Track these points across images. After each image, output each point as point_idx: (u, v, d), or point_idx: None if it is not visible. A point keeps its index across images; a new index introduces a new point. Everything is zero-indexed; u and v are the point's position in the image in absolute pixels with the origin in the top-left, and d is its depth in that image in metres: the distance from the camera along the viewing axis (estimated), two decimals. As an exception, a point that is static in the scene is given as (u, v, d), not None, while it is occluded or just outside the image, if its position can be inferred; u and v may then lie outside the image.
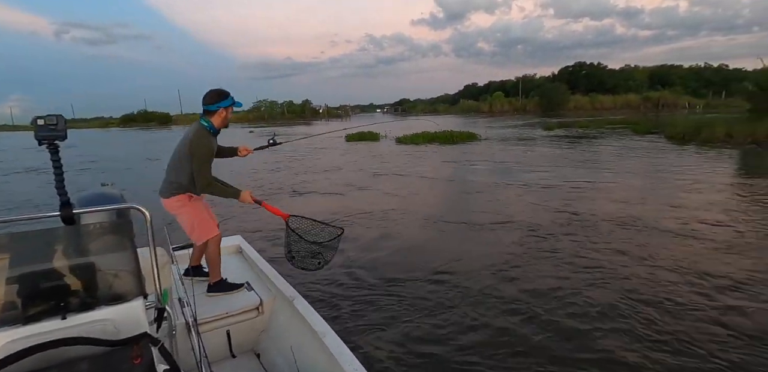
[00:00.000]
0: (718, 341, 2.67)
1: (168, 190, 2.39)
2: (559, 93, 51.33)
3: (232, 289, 2.49)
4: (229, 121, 2.45)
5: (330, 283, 3.74)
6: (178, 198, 2.39)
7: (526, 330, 2.88)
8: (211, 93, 2.33)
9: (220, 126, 2.39)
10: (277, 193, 8.28)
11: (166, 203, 2.41)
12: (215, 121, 2.36)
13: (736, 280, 3.53)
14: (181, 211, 2.41)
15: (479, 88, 74.47)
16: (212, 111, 2.33)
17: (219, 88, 2.38)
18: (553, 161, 11.25)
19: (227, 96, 2.35)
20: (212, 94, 2.33)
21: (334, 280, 3.80)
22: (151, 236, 1.31)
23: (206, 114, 2.35)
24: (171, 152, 2.41)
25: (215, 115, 2.34)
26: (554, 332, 2.84)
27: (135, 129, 47.16)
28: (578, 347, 2.66)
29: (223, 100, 2.33)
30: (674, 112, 35.63)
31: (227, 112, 2.37)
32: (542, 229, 5.20)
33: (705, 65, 62.17)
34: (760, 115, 13.84)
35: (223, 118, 2.37)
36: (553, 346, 2.69)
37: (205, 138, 2.30)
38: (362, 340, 2.83)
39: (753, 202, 6.21)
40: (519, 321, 3.00)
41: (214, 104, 2.31)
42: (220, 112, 2.33)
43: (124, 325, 1.22)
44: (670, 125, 16.92)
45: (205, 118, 2.35)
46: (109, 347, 1.10)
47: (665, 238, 4.72)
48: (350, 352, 1.73)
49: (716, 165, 9.64)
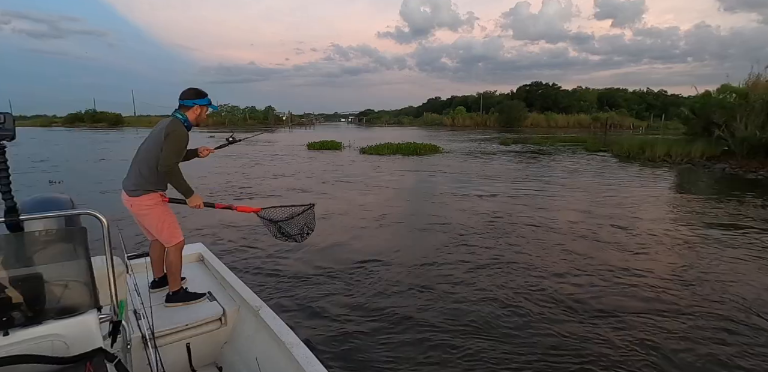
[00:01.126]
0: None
1: (137, 187, 2.25)
2: (518, 110, 53.79)
3: (192, 299, 2.36)
4: (202, 122, 2.44)
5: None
6: (150, 196, 2.27)
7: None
8: (190, 90, 2.39)
9: (194, 122, 2.41)
10: (225, 196, 8.07)
11: (135, 201, 2.26)
12: (189, 116, 2.38)
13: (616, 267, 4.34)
14: (152, 211, 2.28)
15: (442, 101, 76.62)
16: (188, 106, 2.36)
17: (198, 88, 2.43)
18: (508, 174, 11.73)
19: (205, 96, 2.41)
20: (191, 91, 2.38)
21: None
22: (108, 244, 1.23)
23: (181, 108, 2.36)
24: (130, 151, 2.34)
25: (190, 111, 2.37)
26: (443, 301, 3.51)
27: (82, 129, 44.16)
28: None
29: (199, 98, 2.38)
30: (621, 131, 38.48)
31: (202, 111, 2.41)
32: (468, 230, 5.75)
33: (647, 90, 67.66)
34: (694, 138, 15.20)
35: (197, 115, 2.40)
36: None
37: (181, 126, 2.31)
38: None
39: (679, 211, 7.11)
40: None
41: (190, 100, 2.35)
42: (194, 108, 2.37)
43: (75, 341, 1.14)
44: (617, 144, 18.18)
45: (179, 112, 2.36)
46: (59, 365, 1.02)
47: (577, 242, 5.25)
48: (320, 363, 1.68)
49: (656, 181, 10.49)
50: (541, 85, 65.61)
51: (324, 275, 4.03)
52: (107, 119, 56.45)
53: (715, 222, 6.32)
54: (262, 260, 4.39)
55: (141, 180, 2.26)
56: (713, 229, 5.92)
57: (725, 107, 13.84)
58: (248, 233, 5.38)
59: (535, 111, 57.01)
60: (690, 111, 16.34)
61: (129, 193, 2.28)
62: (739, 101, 13.59)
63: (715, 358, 2.68)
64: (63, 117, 63.14)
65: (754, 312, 3.31)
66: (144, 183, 2.26)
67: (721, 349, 2.79)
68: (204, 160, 2.86)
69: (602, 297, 3.60)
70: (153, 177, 2.27)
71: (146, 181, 2.26)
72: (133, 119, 62.18)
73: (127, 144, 23.02)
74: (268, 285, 3.73)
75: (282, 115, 68.03)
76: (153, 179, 2.27)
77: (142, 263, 2.51)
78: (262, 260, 4.39)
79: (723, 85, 14.75)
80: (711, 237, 5.49)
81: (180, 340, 2.17)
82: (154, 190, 2.29)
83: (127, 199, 2.29)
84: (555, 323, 3.11)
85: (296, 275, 3.98)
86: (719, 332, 3.00)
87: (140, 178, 2.27)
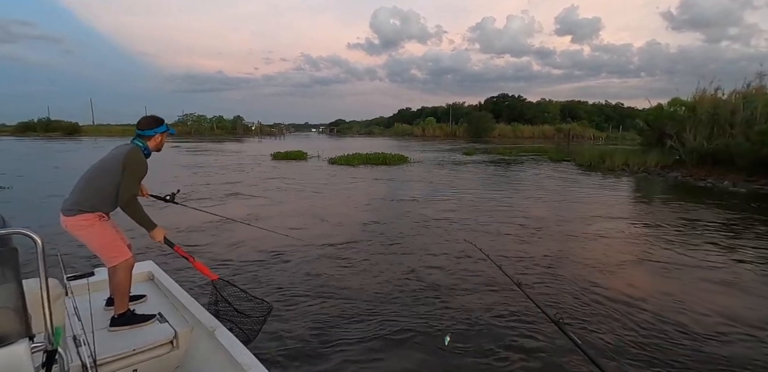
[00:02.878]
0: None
1: (73, 206, 2.16)
2: (485, 121, 55.40)
3: (141, 322, 2.19)
4: (161, 147, 2.48)
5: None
6: (85, 216, 2.16)
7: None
8: (147, 119, 2.41)
9: (154, 149, 2.44)
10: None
11: (69, 222, 2.16)
12: (150, 145, 2.40)
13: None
14: (88, 232, 2.17)
15: (413, 112, 77.83)
16: (149, 136, 2.39)
17: (155, 116, 2.47)
18: (472, 182, 11.97)
19: (162, 123, 2.45)
20: (149, 120, 2.41)
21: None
22: (43, 266, 1.10)
23: (142, 138, 2.38)
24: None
25: (151, 140, 2.40)
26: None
27: (35, 139, 41.65)
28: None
29: (159, 126, 2.41)
30: (582, 142, 40.27)
31: (162, 137, 2.45)
32: (396, 228, 6.29)
33: (605, 103, 71.49)
34: (649, 148, 16.05)
35: (157, 142, 2.43)
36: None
37: (142, 155, 2.32)
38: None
39: (631, 213, 7.74)
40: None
41: (151, 129, 2.38)
42: (155, 137, 2.40)
43: None
44: (579, 154, 18.94)
45: (140, 140, 2.37)
46: None
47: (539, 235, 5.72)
48: None
49: (614, 189, 10.96)
50: (507, 97, 68.03)
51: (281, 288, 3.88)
52: (62, 128, 53.52)
53: (659, 221, 7.02)
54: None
55: (80, 199, 2.19)
56: (657, 227, 6.57)
57: (676, 119, 14.72)
58: (204, 248, 5.13)
59: (503, 122, 58.91)
60: (644, 123, 17.26)
61: (64, 213, 2.19)
62: (688, 114, 14.51)
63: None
64: (12, 126, 59.39)
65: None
66: (82, 203, 2.18)
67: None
68: (162, 169, 2.73)
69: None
70: (95, 199, 2.21)
71: (85, 201, 2.19)
72: (91, 128, 59.37)
73: (88, 153, 22.11)
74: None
75: (251, 124, 66.91)
76: (94, 201, 2.21)
77: (84, 284, 2.32)
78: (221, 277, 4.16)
79: (673, 99, 15.72)
80: (655, 233, 6.17)
81: (126, 367, 2.00)
82: (90, 211, 2.19)
83: (63, 220, 2.19)
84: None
85: (257, 289, 3.81)
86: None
87: (80, 197, 2.19)
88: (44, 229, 2.78)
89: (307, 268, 4.40)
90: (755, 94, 13.31)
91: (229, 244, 5.23)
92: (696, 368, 2.62)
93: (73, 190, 2.24)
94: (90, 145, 30.95)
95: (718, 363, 2.66)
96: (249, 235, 5.52)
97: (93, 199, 2.19)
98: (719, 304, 3.63)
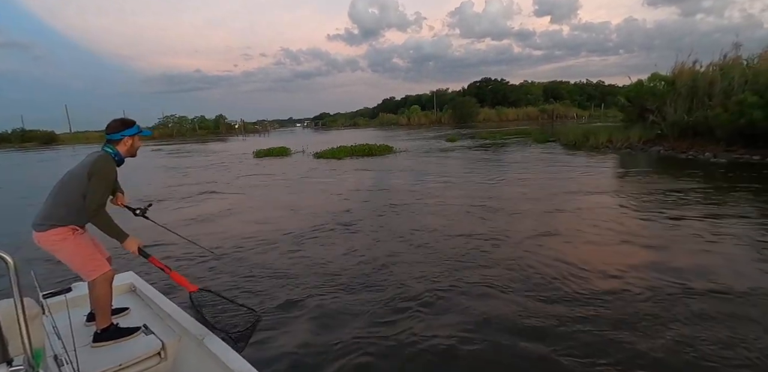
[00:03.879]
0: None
1: (44, 221, 2.06)
2: (470, 106, 55.24)
3: (125, 336, 2.13)
4: (136, 152, 2.32)
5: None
6: (57, 231, 2.06)
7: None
8: (114, 122, 2.25)
9: (126, 154, 2.28)
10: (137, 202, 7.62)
11: (41, 237, 2.07)
12: (121, 149, 2.24)
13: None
14: (62, 246, 2.08)
15: (397, 101, 77.16)
16: (116, 140, 2.23)
17: (123, 117, 2.31)
18: (456, 168, 12.02)
19: (132, 124, 2.27)
20: (115, 124, 2.24)
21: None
22: (16, 287, 1.04)
23: (111, 143, 2.23)
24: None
25: (120, 144, 2.24)
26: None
27: (8, 150, 40.46)
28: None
29: (127, 128, 2.24)
30: (566, 122, 40.48)
31: (134, 141, 2.28)
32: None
33: (587, 81, 71.77)
34: (631, 124, 16.19)
35: (129, 146, 2.26)
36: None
37: (110, 163, 2.17)
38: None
39: (614, 187, 7.97)
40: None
41: (117, 133, 2.22)
42: (125, 140, 2.24)
43: None
44: (563, 134, 19.04)
45: (109, 146, 2.22)
46: None
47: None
48: None
49: (598, 166, 11.12)
50: (490, 81, 67.82)
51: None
52: (38, 138, 51.94)
53: (642, 192, 7.46)
54: (206, 283, 4.05)
55: (50, 214, 2.09)
56: (638, 197, 7.07)
57: (656, 94, 14.83)
58: (184, 253, 5.01)
59: (487, 106, 58.82)
60: (625, 99, 17.37)
61: (35, 229, 2.09)
62: (668, 88, 14.62)
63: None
64: (-14, 138, 57.49)
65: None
66: (53, 217, 2.08)
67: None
68: (138, 174, 2.61)
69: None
70: (65, 212, 2.09)
71: (55, 215, 2.09)
72: (68, 137, 57.65)
73: (66, 161, 21.51)
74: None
75: (234, 123, 65.77)
76: (64, 215, 2.09)
77: (62, 301, 2.24)
78: (207, 283, 4.06)
79: (652, 74, 15.79)
80: (635, 203, 6.68)
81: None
82: (62, 225, 2.09)
83: (35, 236, 2.10)
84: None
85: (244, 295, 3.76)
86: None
87: (51, 212, 2.09)
88: (23, 241, 2.65)
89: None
90: (732, 65, 13.43)
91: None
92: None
93: (42, 205, 2.13)
94: (68, 153, 30.15)
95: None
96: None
97: (63, 212, 2.09)
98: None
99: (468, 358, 2.58)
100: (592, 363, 2.45)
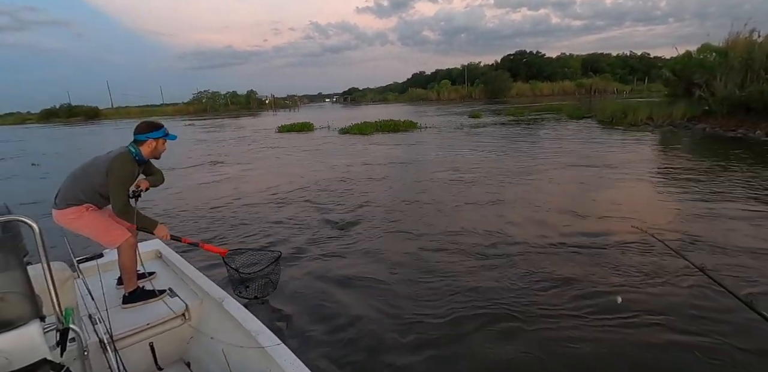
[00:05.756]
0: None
1: (62, 202, 2.25)
2: (502, 80, 53.27)
3: (151, 297, 2.32)
4: (159, 154, 2.45)
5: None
6: (72, 209, 2.25)
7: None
8: (142, 124, 2.38)
9: (149, 156, 2.40)
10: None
11: (59, 215, 2.26)
12: (144, 150, 2.35)
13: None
14: (79, 223, 2.27)
15: (427, 76, 75.25)
16: (141, 141, 2.34)
17: (152, 121, 2.43)
18: (474, 149, 11.12)
19: (159, 128, 2.38)
20: (143, 125, 2.36)
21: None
22: (42, 251, 1.15)
23: (136, 143, 2.35)
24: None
25: (144, 145, 2.35)
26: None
27: (58, 125, 42.82)
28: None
29: (153, 131, 2.34)
30: (605, 97, 38.35)
31: (158, 143, 2.38)
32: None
33: (630, 54, 67.06)
34: (675, 99, 15.17)
35: (152, 148, 2.37)
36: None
37: (128, 163, 2.27)
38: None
39: (653, 169, 7.38)
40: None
41: (143, 134, 2.33)
42: (149, 142, 2.34)
43: (17, 354, 1.09)
44: (600, 110, 18.10)
45: (133, 145, 2.34)
46: None
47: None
48: (287, 349, 1.66)
49: (635, 144, 10.48)
50: (525, 54, 64.66)
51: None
52: (84, 113, 54.71)
53: (677, 170, 7.02)
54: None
55: (67, 195, 2.27)
56: (677, 179, 6.53)
57: (705, 67, 13.73)
58: (208, 223, 5.29)
59: (520, 80, 56.48)
60: (671, 72, 16.20)
61: (54, 207, 2.28)
62: (719, 60, 13.48)
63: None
64: (37, 114, 61.01)
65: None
66: (70, 198, 2.26)
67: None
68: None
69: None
70: (82, 195, 2.27)
71: (73, 197, 2.26)
72: (111, 111, 60.39)
73: (109, 136, 22.95)
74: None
75: (264, 98, 66.48)
76: (81, 197, 2.27)
77: (94, 266, 2.44)
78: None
79: (703, 45, 14.59)
80: (677, 185, 6.14)
81: (143, 340, 2.13)
82: (77, 204, 2.27)
83: (54, 214, 2.28)
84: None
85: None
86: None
87: (68, 193, 2.27)
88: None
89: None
90: (796, 33, 12.19)
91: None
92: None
93: (62, 186, 2.31)
94: (111, 128, 31.66)
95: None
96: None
97: (80, 195, 2.27)
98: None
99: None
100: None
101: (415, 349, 2.48)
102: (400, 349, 2.49)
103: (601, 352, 2.37)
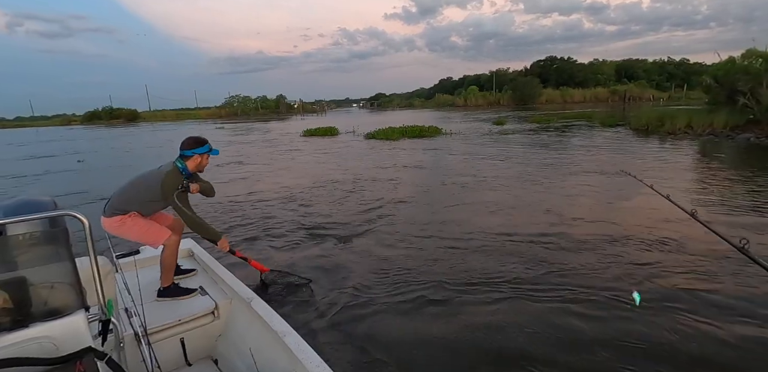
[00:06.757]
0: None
1: (110, 211, 2.41)
2: (532, 87, 52.37)
3: (183, 294, 2.40)
4: (203, 168, 2.59)
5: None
6: (118, 218, 2.41)
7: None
8: (188, 140, 2.50)
9: (194, 170, 2.53)
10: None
11: (106, 223, 2.43)
12: (189, 165, 2.49)
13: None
14: (123, 230, 2.42)
15: (454, 82, 75.05)
16: (188, 156, 2.48)
17: (198, 136, 2.54)
18: (492, 159, 10.53)
19: (203, 144, 2.50)
20: (189, 141, 2.49)
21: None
22: (90, 244, 1.22)
23: (182, 157, 2.48)
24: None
25: (190, 160, 2.48)
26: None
27: (100, 127, 45.19)
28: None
29: (198, 147, 2.48)
30: (640, 104, 36.97)
31: (202, 159, 2.52)
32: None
33: (668, 59, 64.58)
34: (717, 107, 14.47)
35: (197, 163, 2.51)
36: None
37: (178, 178, 2.43)
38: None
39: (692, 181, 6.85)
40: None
41: (189, 150, 2.47)
42: (194, 157, 2.48)
43: (64, 342, 1.15)
44: (634, 117, 17.44)
45: (180, 160, 2.48)
46: (49, 366, 1.02)
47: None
48: (312, 350, 1.68)
49: (673, 154, 9.98)
50: (555, 60, 63.41)
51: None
52: (124, 115, 57.58)
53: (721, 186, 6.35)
54: (257, 252, 4.34)
55: (116, 204, 2.42)
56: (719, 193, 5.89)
57: (750, 73, 13.06)
58: (239, 223, 5.43)
59: (551, 87, 55.35)
60: (713, 79, 15.46)
61: (103, 215, 2.43)
62: (766, 66, 12.81)
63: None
64: (81, 115, 64.67)
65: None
66: (117, 207, 2.42)
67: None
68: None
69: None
70: (128, 206, 2.43)
71: (121, 207, 2.42)
72: (149, 114, 63.18)
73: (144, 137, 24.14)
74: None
75: (293, 103, 67.93)
76: (127, 207, 2.43)
77: (131, 261, 2.55)
78: (258, 252, 4.34)
79: (748, 50, 13.87)
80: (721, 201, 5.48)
81: (174, 336, 2.21)
82: (122, 214, 2.42)
83: (102, 220, 2.43)
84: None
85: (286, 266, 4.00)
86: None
87: (116, 202, 2.43)
88: (107, 191, 3.12)
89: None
90: None
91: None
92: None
93: (112, 195, 2.47)
94: (148, 129, 33.13)
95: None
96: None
97: (126, 206, 2.42)
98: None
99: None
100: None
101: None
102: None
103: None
